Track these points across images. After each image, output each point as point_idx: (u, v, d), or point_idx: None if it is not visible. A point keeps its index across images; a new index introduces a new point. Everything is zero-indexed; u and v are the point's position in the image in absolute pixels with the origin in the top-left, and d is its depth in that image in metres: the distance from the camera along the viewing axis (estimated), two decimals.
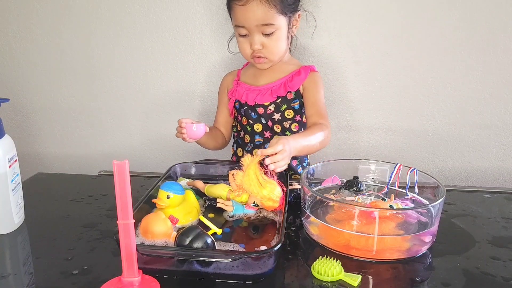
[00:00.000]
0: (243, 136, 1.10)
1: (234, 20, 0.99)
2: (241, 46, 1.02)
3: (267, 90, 1.05)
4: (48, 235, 0.81)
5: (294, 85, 1.04)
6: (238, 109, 1.09)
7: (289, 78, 1.05)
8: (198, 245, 0.65)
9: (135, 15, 1.20)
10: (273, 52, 1.00)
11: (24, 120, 1.33)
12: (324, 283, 0.66)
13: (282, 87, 1.04)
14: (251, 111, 1.07)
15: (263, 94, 1.05)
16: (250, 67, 1.11)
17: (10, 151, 0.80)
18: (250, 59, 1.04)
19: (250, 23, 0.96)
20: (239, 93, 1.08)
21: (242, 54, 1.04)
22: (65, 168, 1.36)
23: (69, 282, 0.65)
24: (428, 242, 0.75)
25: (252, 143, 1.08)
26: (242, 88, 1.08)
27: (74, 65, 1.27)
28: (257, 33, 0.98)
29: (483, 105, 1.19)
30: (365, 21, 1.15)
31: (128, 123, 1.31)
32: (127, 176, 0.57)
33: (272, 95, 1.05)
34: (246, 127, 1.08)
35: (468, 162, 1.24)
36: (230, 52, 1.17)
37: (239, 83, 1.09)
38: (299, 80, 1.04)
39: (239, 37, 1.01)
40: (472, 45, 1.14)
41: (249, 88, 1.07)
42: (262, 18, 0.95)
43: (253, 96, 1.06)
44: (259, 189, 0.81)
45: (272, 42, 0.99)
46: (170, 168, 0.97)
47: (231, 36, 1.14)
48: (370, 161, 0.94)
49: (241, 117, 1.09)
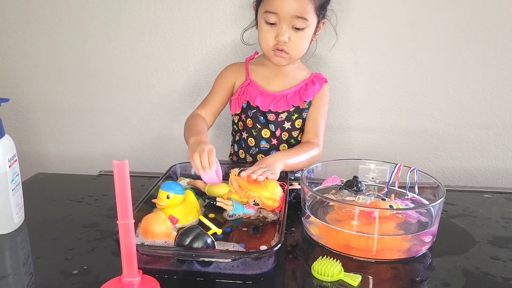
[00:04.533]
0: (246, 138, 1.07)
1: (267, 5, 0.94)
2: (264, 35, 0.97)
3: (281, 97, 1.02)
4: (48, 235, 0.81)
5: (309, 95, 1.02)
6: (245, 108, 1.05)
7: (303, 87, 1.03)
8: (198, 245, 0.65)
9: (135, 15, 1.20)
10: (296, 49, 0.97)
11: (24, 120, 1.33)
12: (324, 283, 0.66)
13: (297, 96, 1.02)
14: (260, 115, 1.03)
15: (277, 101, 1.02)
16: (260, 65, 1.07)
17: (10, 151, 0.80)
18: (269, 52, 0.98)
19: (286, 11, 0.92)
20: (250, 94, 1.03)
21: (262, 44, 0.99)
22: (65, 168, 1.36)
23: (69, 282, 0.65)
24: (428, 242, 0.75)
25: (258, 147, 1.05)
26: (255, 90, 1.03)
27: (74, 65, 1.27)
28: (288, 25, 0.94)
29: (483, 105, 1.19)
30: (365, 21, 1.15)
31: (128, 123, 1.31)
32: (127, 176, 0.57)
33: (288, 104, 1.02)
34: (252, 130, 1.05)
35: (468, 162, 1.24)
36: (243, 42, 1.14)
37: (251, 83, 1.04)
38: (313, 91, 1.03)
39: (265, 25, 0.96)
40: (472, 45, 1.14)
41: (263, 92, 1.03)
42: (299, 10, 0.92)
43: (267, 102, 1.02)
44: (260, 189, 0.81)
45: (298, 38, 0.96)
46: (170, 168, 0.97)
47: (248, 26, 1.10)
48: (370, 161, 0.94)
49: (246, 118, 1.05)
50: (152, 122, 1.30)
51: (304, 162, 0.96)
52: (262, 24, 0.97)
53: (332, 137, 1.26)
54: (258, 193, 0.82)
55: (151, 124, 1.30)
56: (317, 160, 0.99)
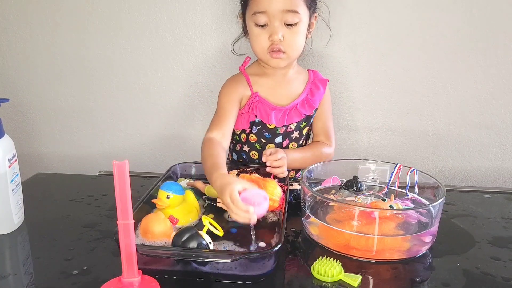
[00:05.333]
0: (247, 151, 1.04)
1: (254, 7, 0.90)
2: (257, 39, 0.92)
3: (291, 109, 0.99)
4: (48, 235, 0.81)
5: (316, 100, 1.01)
6: (251, 124, 1.01)
7: (308, 93, 1.01)
8: (193, 245, 0.65)
9: (135, 15, 1.20)
10: (293, 47, 0.92)
11: (24, 120, 1.33)
12: (324, 283, 0.66)
13: (306, 104, 1.00)
14: (265, 131, 1.00)
15: (290, 114, 0.99)
16: (261, 76, 1.01)
17: (10, 151, 0.80)
18: (265, 55, 0.94)
19: (275, 7, 0.87)
20: (261, 111, 0.98)
21: (255, 49, 0.95)
22: (65, 168, 1.36)
23: (69, 282, 0.65)
24: (428, 242, 0.75)
25: (260, 160, 1.03)
26: (265, 106, 0.98)
27: (75, 65, 1.27)
28: (279, 22, 0.89)
29: (483, 105, 1.19)
30: (365, 21, 1.15)
31: (128, 123, 1.31)
32: (127, 176, 0.57)
33: (300, 114, 1.00)
34: (255, 145, 1.03)
35: (468, 162, 1.24)
36: (234, 53, 1.14)
37: (259, 98, 0.99)
38: (319, 95, 1.01)
39: (255, 28, 0.92)
40: (472, 45, 1.14)
41: (275, 108, 0.99)
42: (289, 3, 0.88)
43: (282, 117, 0.99)
44: None
45: (293, 35, 0.91)
46: (170, 168, 0.97)
47: (237, 38, 1.10)
48: (370, 161, 0.94)
49: (250, 133, 1.02)
50: (152, 122, 1.30)
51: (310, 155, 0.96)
52: (252, 28, 0.93)
53: None
54: None
55: (151, 124, 1.30)
56: (331, 158, 0.99)
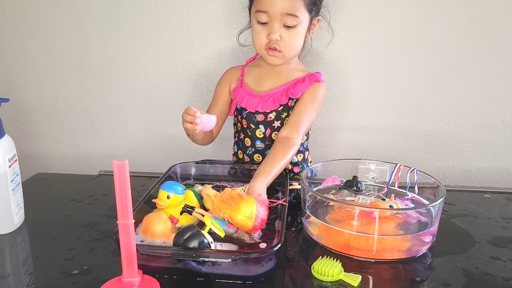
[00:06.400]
0: (243, 139, 1.08)
1: (257, 5, 0.96)
2: (257, 35, 0.98)
3: (269, 97, 1.02)
4: (48, 235, 0.81)
5: (297, 92, 1.01)
6: (240, 110, 1.06)
7: (292, 85, 1.02)
8: (194, 244, 0.65)
9: (135, 15, 1.20)
10: (289, 47, 0.98)
11: (24, 120, 1.33)
12: (324, 283, 0.66)
13: (284, 94, 1.02)
14: (252, 116, 1.04)
15: (265, 102, 1.02)
16: (255, 66, 1.08)
17: (10, 151, 0.80)
18: (262, 51, 1.00)
19: (275, 9, 0.93)
20: (240, 96, 1.05)
21: (255, 44, 1.01)
22: (65, 168, 1.36)
23: (69, 282, 0.65)
24: (428, 242, 0.75)
25: (253, 147, 1.06)
26: (244, 92, 1.05)
27: (74, 65, 1.27)
28: (279, 23, 0.95)
29: (483, 105, 1.19)
30: (365, 21, 1.15)
31: (128, 123, 1.31)
32: (127, 176, 0.57)
33: (274, 103, 1.02)
34: (247, 130, 1.06)
35: (468, 162, 1.24)
36: (239, 44, 1.15)
37: (242, 84, 1.06)
38: (302, 87, 1.01)
39: (257, 25, 0.98)
40: (472, 45, 1.14)
41: (251, 93, 1.04)
42: (289, 7, 0.93)
43: (254, 103, 1.03)
44: (231, 211, 0.72)
45: (291, 36, 0.96)
46: (170, 168, 0.97)
47: (244, 27, 1.12)
48: (370, 161, 0.94)
49: (242, 119, 1.06)
50: (152, 122, 1.30)
51: (283, 165, 0.90)
52: (254, 24, 0.98)
53: (332, 137, 1.26)
54: (229, 214, 0.72)
55: (151, 124, 1.30)
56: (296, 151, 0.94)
